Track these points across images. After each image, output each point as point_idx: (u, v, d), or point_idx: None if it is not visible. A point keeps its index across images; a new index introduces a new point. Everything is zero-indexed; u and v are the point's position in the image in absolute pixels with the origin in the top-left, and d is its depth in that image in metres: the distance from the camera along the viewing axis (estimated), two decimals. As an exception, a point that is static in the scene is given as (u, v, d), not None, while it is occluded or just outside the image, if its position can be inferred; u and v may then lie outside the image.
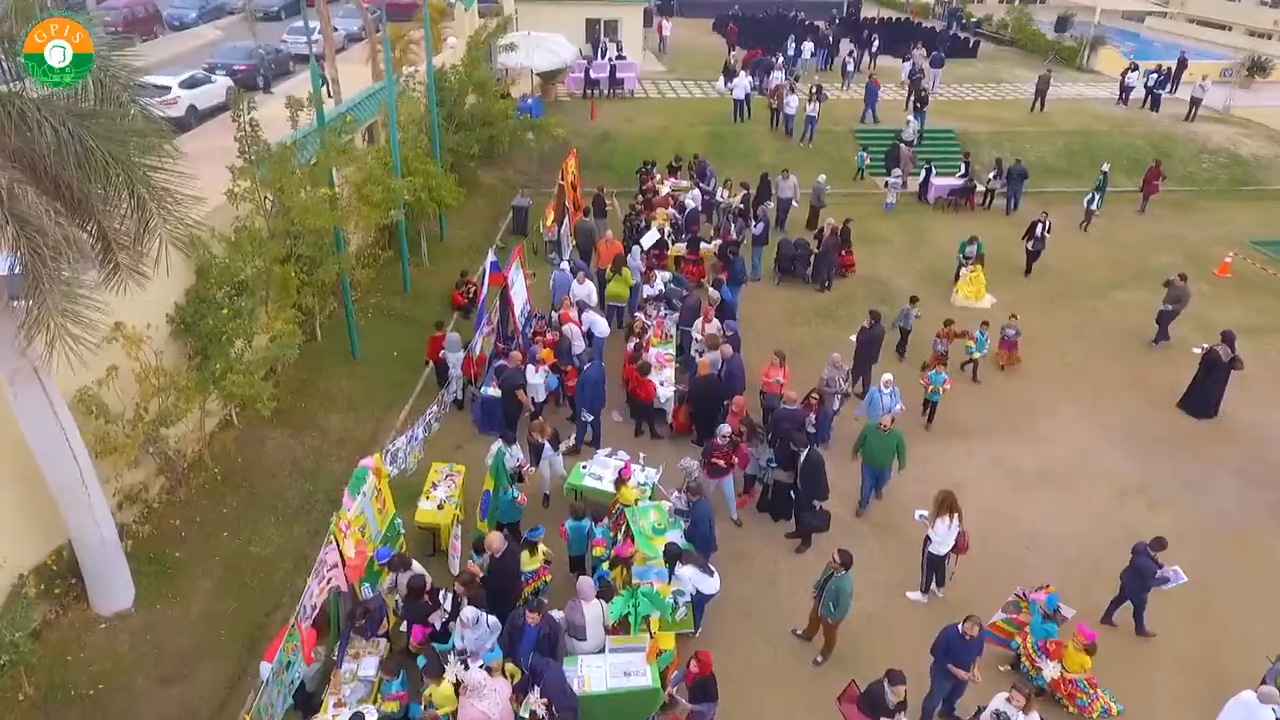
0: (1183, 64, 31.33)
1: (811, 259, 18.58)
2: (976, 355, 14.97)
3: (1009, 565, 11.13)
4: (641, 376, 12.70)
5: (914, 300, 15.68)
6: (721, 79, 28.84)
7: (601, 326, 14.43)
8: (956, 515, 9.73)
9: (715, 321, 14.10)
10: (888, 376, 12.27)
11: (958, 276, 18.35)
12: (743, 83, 26.14)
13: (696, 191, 20.11)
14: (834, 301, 18.08)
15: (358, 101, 16.58)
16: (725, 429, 10.90)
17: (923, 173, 23.96)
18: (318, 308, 13.13)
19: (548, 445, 11.13)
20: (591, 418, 12.52)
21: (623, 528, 10.58)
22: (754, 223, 18.95)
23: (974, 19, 43.51)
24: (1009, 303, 18.25)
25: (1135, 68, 30.40)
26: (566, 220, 19.31)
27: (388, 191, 12.54)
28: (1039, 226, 18.85)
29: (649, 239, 16.90)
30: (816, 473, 10.53)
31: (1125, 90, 29.88)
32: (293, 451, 11.62)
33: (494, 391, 12.54)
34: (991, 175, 23.37)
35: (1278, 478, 13.08)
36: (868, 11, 46.52)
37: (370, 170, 12.31)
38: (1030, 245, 19.07)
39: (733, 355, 12.88)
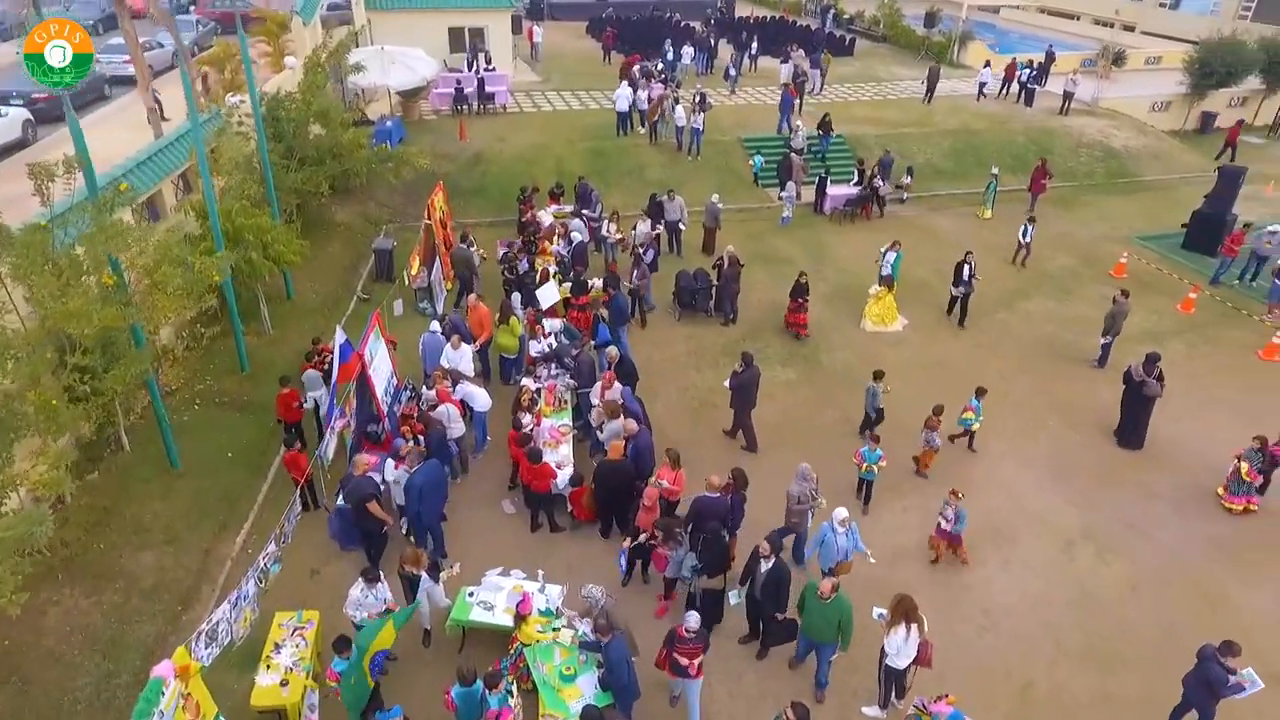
0: (1050, 57, 31.85)
1: (713, 290, 17.05)
2: (975, 427, 13.06)
3: (968, 649, 9.91)
4: (533, 464, 10.73)
5: (879, 376, 13.23)
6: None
7: (481, 400, 12.35)
8: (916, 624, 8.29)
9: (616, 386, 12.27)
10: (842, 513, 9.74)
11: (891, 286, 17.14)
12: (624, 93, 24.38)
13: (580, 222, 18.19)
14: (741, 335, 16.60)
15: (156, 150, 13.72)
16: (693, 620, 8.12)
17: (816, 182, 22.97)
18: (120, 413, 10.44)
19: (424, 575, 9.02)
20: (417, 529, 10.41)
21: (521, 669, 8.67)
22: (644, 251, 17.30)
23: (846, 16, 43.45)
24: (918, 323, 17.37)
25: (988, 64, 30.50)
26: (438, 263, 17.05)
27: (191, 275, 9.92)
28: (965, 269, 16.60)
29: (547, 297, 14.78)
30: (780, 588, 8.92)
31: (982, 85, 29.76)
32: (86, 617, 9.00)
33: (353, 501, 10.27)
34: (878, 182, 22.57)
35: (1210, 505, 12.48)
36: (742, 10, 45.77)
37: (165, 249, 9.64)
38: (958, 289, 16.94)
39: (639, 431, 11.10)
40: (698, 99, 23.84)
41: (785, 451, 13.31)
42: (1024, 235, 19.60)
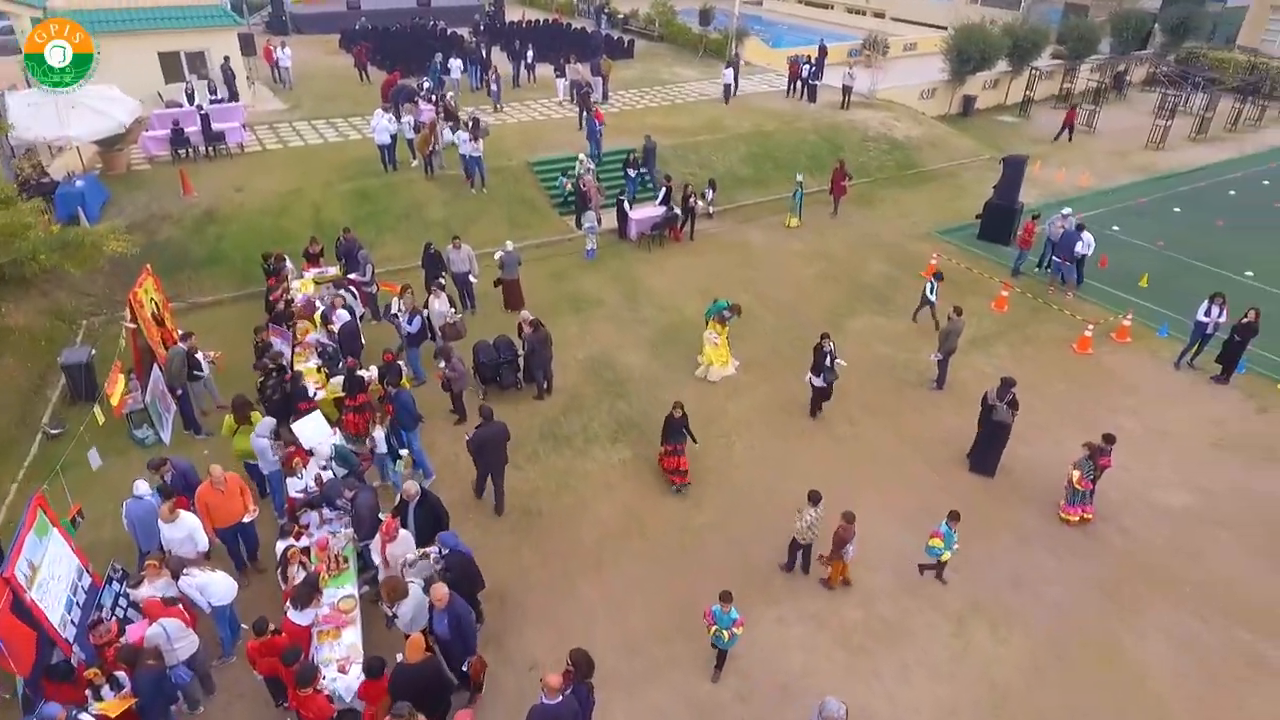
0: (824, 50, 32.00)
1: (520, 359, 14.42)
2: (946, 555, 10.43)
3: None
4: (301, 690, 7.62)
5: (816, 498, 10.30)
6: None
7: (220, 590, 8.95)
8: None
9: (402, 537, 9.32)
10: None
11: (723, 322, 15.11)
12: (383, 122, 20.87)
13: (348, 292, 14.80)
14: (559, 410, 14.14)
15: None
16: None
17: (615, 205, 20.93)
18: None
19: None
20: None
21: None
22: (406, 318, 14.15)
23: (621, 16, 42.03)
24: (749, 360, 15.75)
25: (732, 64, 29.14)
26: (156, 373, 13.08)
27: None
28: (828, 357, 13.43)
29: (312, 435, 11.07)
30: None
31: (728, 88, 28.40)
32: None
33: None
34: (694, 202, 20.84)
35: (1079, 537, 11.73)
36: (513, 14, 43.00)
37: None
38: (818, 379, 13.66)
39: (450, 599, 8.30)
40: (470, 123, 20.94)
41: (637, 565, 11.04)
42: (930, 292, 16.51)
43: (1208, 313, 15.29)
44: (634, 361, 15.58)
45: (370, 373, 12.93)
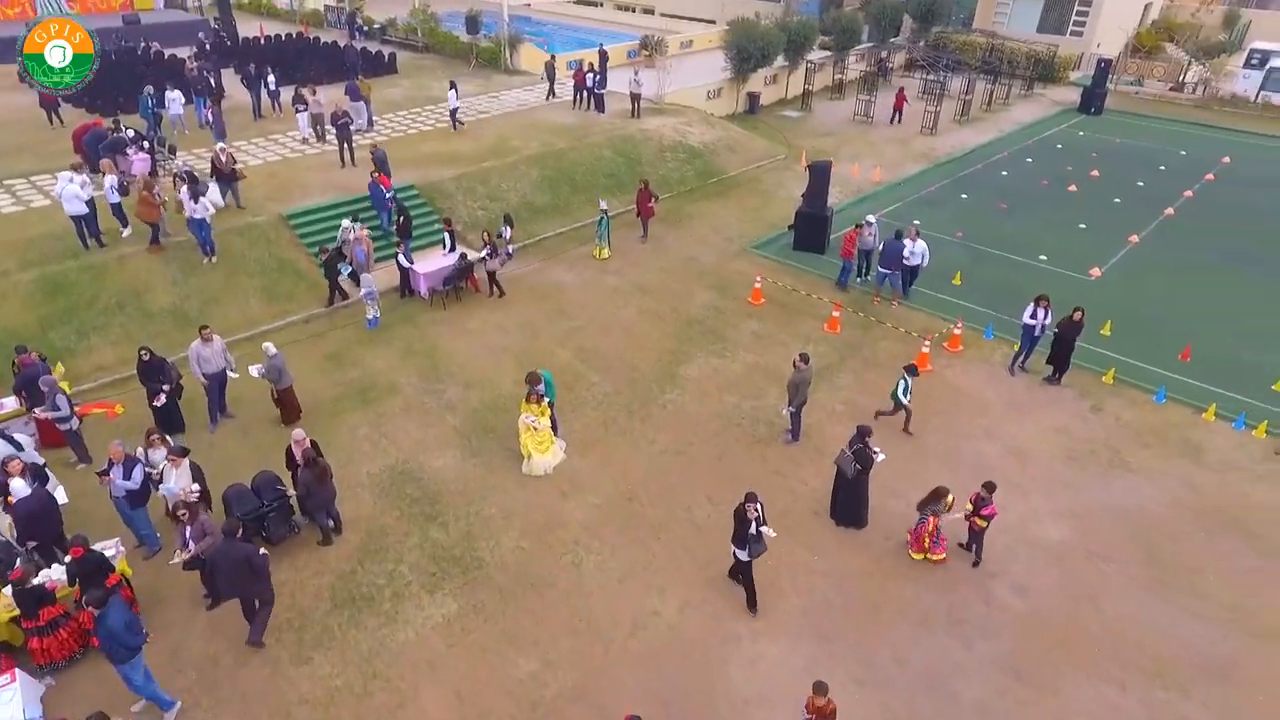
0: (604, 55, 30.15)
1: (292, 501, 11.08)
2: None
3: None
4: None
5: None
6: None
7: None
8: None
9: None
10: None
11: (541, 401, 12.66)
12: (72, 187, 16.07)
13: (27, 440, 10.66)
14: (355, 556, 10.98)
15: None
16: None
17: (396, 260, 17.68)
18: None
19: None
20: None
21: None
22: (121, 472, 10.28)
23: (377, 25, 37.83)
24: (577, 438, 13.43)
25: (454, 85, 25.02)
26: None
27: None
28: (754, 522, 9.89)
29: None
30: None
31: (454, 112, 24.76)
32: None
33: None
34: (487, 255, 17.87)
35: (976, 605, 10.56)
36: (247, 29, 37.26)
37: None
38: (743, 552, 10.21)
39: None
40: (184, 179, 16.79)
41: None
42: (903, 394, 13.50)
43: (1034, 315, 15.00)
44: (444, 465, 12.71)
45: (56, 574, 9.16)
